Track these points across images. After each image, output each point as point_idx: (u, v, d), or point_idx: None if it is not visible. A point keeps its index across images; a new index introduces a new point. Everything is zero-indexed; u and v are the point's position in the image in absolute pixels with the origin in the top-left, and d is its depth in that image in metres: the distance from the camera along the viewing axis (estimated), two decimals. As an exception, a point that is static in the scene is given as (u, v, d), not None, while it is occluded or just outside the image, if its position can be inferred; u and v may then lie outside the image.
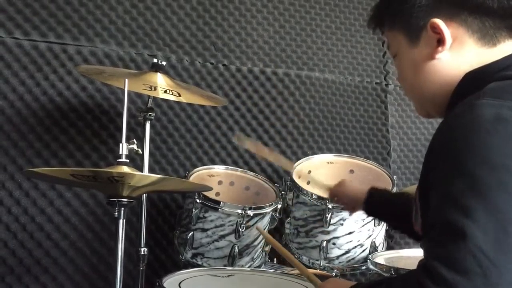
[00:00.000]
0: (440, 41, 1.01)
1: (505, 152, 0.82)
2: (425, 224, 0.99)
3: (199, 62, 2.33)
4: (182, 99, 1.78)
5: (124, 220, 1.42)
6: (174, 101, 2.19)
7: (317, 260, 1.94)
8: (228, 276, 1.60)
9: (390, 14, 1.09)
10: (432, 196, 0.89)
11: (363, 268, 1.97)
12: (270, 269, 1.84)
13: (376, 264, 1.78)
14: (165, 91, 1.72)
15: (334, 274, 1.92)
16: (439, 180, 0.88)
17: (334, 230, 1.90)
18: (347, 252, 1.94)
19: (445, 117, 0.97)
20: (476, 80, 0.97)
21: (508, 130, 0.83)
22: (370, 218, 1.93)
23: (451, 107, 1.00)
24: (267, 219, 1.93)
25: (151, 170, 2.02)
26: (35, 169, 1.36)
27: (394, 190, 2.02)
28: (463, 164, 0.83)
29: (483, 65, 0.99)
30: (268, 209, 1.90)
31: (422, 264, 0.84)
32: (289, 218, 2.06)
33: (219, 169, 2.12)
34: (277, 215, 1.96)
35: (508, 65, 0.97)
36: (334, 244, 1.92)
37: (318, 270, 1.93)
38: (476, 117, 0.85)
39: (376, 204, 1.59)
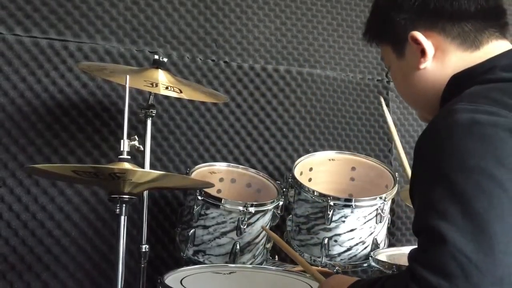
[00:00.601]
0: (423, 52, 1.03)
1: (480, 154, 0.82)
2: None
3: (200, 59, 2.32)
4: (184, 96, 1.78)
5: (126, 217, 1.42)
6: (175, 98, 2.19)
7: (319, 257, 1.94)
8: (230, 273, 1.60)
9: (376, 29, 1.13)
10: (415, 201, 0.91)
11: (364, 265, 1.96)
12: (272, 266, 1.84)
13: (378, 261, 1.78)
14: (167, 88, 1.72)
15: (335, 271, 1.91)
16: (418, 186, 0.90)
17: (336, 227, 1.90)
18: (348, 249, 1.93)
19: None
20: (459, 84, 0.99)
21: (483, 133, 0.84)
22: (372, 215, 1.92)
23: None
24: (268, 216, 1.92)
25: (152, 167, 2.01)
26: (37, 166, 1.36)
27: (396, 187, 2.01)
28: (439, 169, 0.85)
29: (466, 68, 1.00)
30: (270, 206, 1.89)
31: (408, 268, 0.85)
32: (290, 215, 2.06)
33: (220, 166, 2.11)
34: (279, 212, 1.96)
35: (491, 67, 0.98)
36: (335, 241, 1.92)
37: (319, 267, 1.92)
38: (452, 122, 0.87)
39: None
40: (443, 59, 1.03)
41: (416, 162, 0.93)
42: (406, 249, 2.00)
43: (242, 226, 1.83)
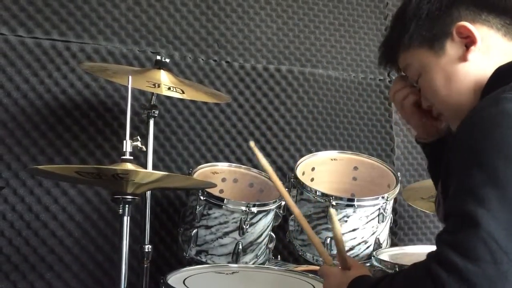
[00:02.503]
0: (468, 44, 1.03)
1: None
2: None
3: (202, 59, 2.32)
4: (186, 96, 1.78)
5: (129, 217, 1.42)
6: (178, 98, 2.19)
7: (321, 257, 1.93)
8: (232, 273, 1.60)
9: (407, 34, 1.10)
10: (451, 186, 0.90)
11: (367, 265, 1.96)
12: (274, 266, 1.84)
13: (380, 261, 1.78)
14: (169, 88, 1.72)
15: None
16: (457, 171, 0.90)
17: (338, 227, 1.90)
18: (351, 249, 1.93)
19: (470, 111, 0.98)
20: (504, 75, 0.99)
21: None
22: (375, 215, 1.93)
23: None
24: (271, 216, 1.93)
25: (154, 167, 2.02)
26: (40, 167, 1.36)
27: (398, 186, 2.01)
28: (481, 156, 0.85)
29: (511, 61, 1.01)
30: (272, 206, 1.90)
31: (433, 252, 0.85)
32: (293, 215, 2.06)
33: (222, 166, 2.12)
34: (281, 212, 1.96)
35: None
36: (338, 241, 1.92)
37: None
38: (500, 111, 0.87)
39: None
40: (487, 50, 1.03)
41: (457, 145, 0.92)
42: (409, 249, 2.00)
43: (244, 226, 1.83)
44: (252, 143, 1.42)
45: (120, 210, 1.41)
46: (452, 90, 1.07)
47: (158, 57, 1.81)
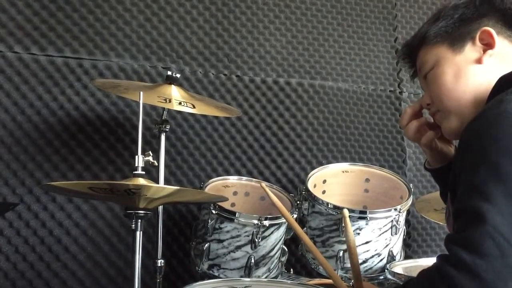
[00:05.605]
0: (486, 49, 1.10)
1: None
2: None
3: (213, 74, 2.34)
4: (196, 110, 1.79)
5: (141, 232, 1.43)
6: (189, 113, 2.21)
7: (334, 270, 1.92)
8: (245, 287, 1.60)
9: (434, 29, 1.17)
10: (459, 187, 0.93)
11: (381, 278, 1.94)
12: (287, 279, 1.83)
13: (394, 274, 1.76)
14: (180, 103, 1.74)
15: (351, 284, 1.90)
16: (464, 171, 0.92)
17: (351, 239, 1.89)
18: (364, 262, 1.92)
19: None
20: (507, 82, 1.03)
21: None
22: (387, 227, 1.91)
23: None
24: (283, 229, 1.92)
25: (166, 181, 2.03)
26: (53, 183, 1.38)
27: (411, 198, 2.00)
28: (486, 154, 0.88)
29: None
30: (284, 219, 1.89)
31: (442, 254, 0.86)
32: (305, 228, 2.05)
33: (234, 179, 2.12)
34: (293, 225, 1.95)
35: None
36: (351, 253, 1.90)
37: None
38: (502, 111, 0.91)
39: None
40: (502, 60, 1.10)
41: (463, 147, 0.96)
42: (423, 261, 1.98)
43: (256, 240, 1.83)
44: (263, 184, 1.51)
45: (133, 225, 1.42)
46: (457, 87, 1.12)
47: (169, 73, 1.83)
